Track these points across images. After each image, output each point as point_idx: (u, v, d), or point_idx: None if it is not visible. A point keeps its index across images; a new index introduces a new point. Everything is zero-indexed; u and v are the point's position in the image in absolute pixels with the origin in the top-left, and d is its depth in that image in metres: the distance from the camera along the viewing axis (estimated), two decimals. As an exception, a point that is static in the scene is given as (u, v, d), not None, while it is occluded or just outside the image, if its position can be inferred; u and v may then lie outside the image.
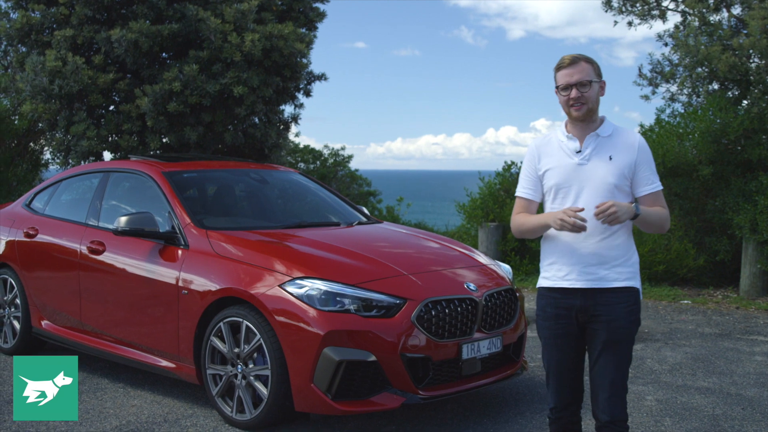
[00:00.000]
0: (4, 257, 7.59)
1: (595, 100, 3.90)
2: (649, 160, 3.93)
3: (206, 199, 6.96)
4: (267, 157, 13.14)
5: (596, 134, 3.93)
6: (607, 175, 3.85)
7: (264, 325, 5.26)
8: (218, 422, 5.60)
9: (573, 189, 3.90)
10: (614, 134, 3.95)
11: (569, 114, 3.94)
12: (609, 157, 3.88)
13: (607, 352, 3.89)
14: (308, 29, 13.40)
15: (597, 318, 3.88)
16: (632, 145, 3.91)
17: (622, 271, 3.88)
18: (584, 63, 3.89)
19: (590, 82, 3.86)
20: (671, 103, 12.94)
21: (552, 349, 4.02)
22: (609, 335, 3.87)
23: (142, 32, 11.40)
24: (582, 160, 3.91)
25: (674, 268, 11.46)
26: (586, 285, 3.88)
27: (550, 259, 4.00)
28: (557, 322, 3.97)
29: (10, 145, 14.46)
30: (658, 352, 7.73)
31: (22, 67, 12.60)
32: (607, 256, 3.87)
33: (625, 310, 3.88)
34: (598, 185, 3.85)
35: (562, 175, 3.92)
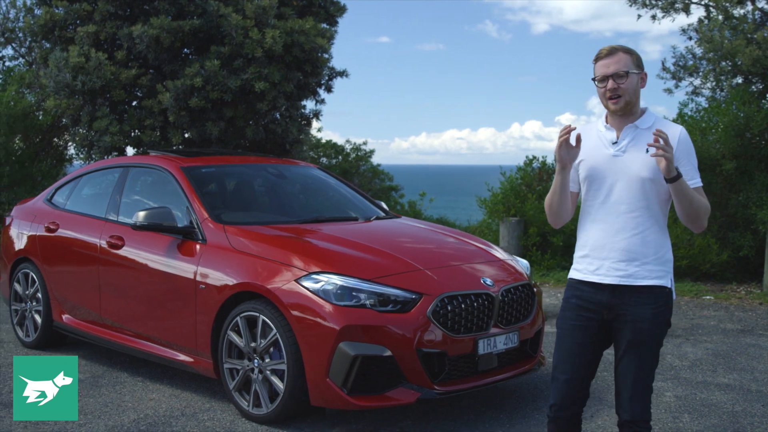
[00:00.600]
0: (26, 252, 7.66)
1: (633, 92, 3.76)
2: (689, 154, 3.76)
3: (224, 194, 6.98)
4: (288, 153, 13.18)
5: (635, 126, 3.79)
6: (642, 169, 3.71)
7: (280, 320, 5.27)
8: (235, 416, 5.63)
9: (607, 181, 3.78)
10: (654, 126, 3.77)
11: (607, 106, 3.82)
12: (646, 150, 3.71)
13: (631, 351, 3.79)
14: (329, 24, 13.42)
15: (623, 317, 3.78)
16: (673, 138, 3.70)
17: (652, 269, 3.75)
18: (622, 53, 3.77)
19: (627, 73, 3.73)
20: (694, 97, 12.84)
21: (566, 341, 3.91)
22: (633, 335, 3.76)
23: (163, 28, 11.48)
24: (618, 152, 3.78)
25: (697, 264, 11.37)
26: (615, 281, 3.77)
27: (582, 252, 3.89)
28: (579, 313, 3.86)
29: (35, 140, 14.58)
30: (678, 348, 7.68)
31: (45, 63, 12.72)
32: (638, 252, 3.75)
33: (652, 311, 3.76)
34: (632, 178, 3.73)
35: (596, 166, 3.81)
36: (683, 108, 12.46)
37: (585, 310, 3.85)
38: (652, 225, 3.77)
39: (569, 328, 3.90)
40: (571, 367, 3.90)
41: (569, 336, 3.90)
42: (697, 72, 12.65)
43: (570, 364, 3.90)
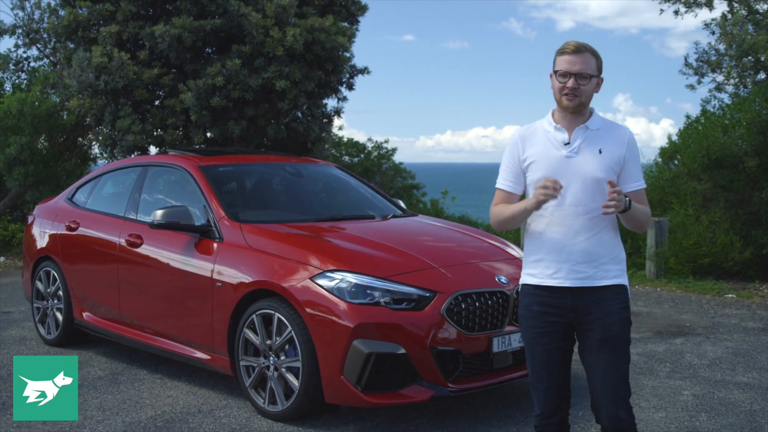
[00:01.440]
0: (47, 250, 7.75)
1: (589, 95, 3.75)
2: (636, 155, 3.80)
3: (241, 192, 7.02)
4: (310, 151, 13.22)
5: (586, 126, 3.76)
6: (596, 170, 3.69)
7: (295, 318, 5.30)
8: (251, 413, 5.66)
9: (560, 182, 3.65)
10: (603, 127, 3.79)
11: (559, 102, 3.76)
12: (599, 151, 3.72)
13: (604, 351, 3.70)
14: (350, 23, 13.45)
15: (590, 317, 3.71)
16: (622, 140, 3.77)
17: (610, 269, 3.74)
18: (589, 55, 3.72)
19: (590, 77, 3.71)
20: (717, 93, 12.75)
21: (536, 349, 3.82)
22: (604, 332, 3.69)
23: (185, 27, 11.55)
24: (570, 153, 3.74)
25: (719, 261, 11.28)
26: (576, 284, 3.71)
27: (536, 256, 3.81)
28: (542, 320, 3.78)
29: (59, 140, 14.72)
30: (698, 347, 7.63)
31: (69, 63, 12.84)
32: (595, 253, 3.71)
33: (619, 307, 3.73)
34: (586, 179, 3.69)
35: (548, 168, 3.74)
36: (705, 104, 12.38)
37: (549, 315, 3.77)
38: (606, 225, 3.75)
39: (536, 336, 3.81)
40: (548, 374, 3.83)
41: (538, 344, 3.81)
42: (720, 68, 12.57)
43: (546, 372, 3.82)
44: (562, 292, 3.73)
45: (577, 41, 3.77)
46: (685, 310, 9.49)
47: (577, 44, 3.74)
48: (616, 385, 3.71)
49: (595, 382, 3.75)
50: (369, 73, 13.74)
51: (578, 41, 3.78)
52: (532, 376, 3.89)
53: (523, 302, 3.88)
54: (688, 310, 9.47)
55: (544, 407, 3.87)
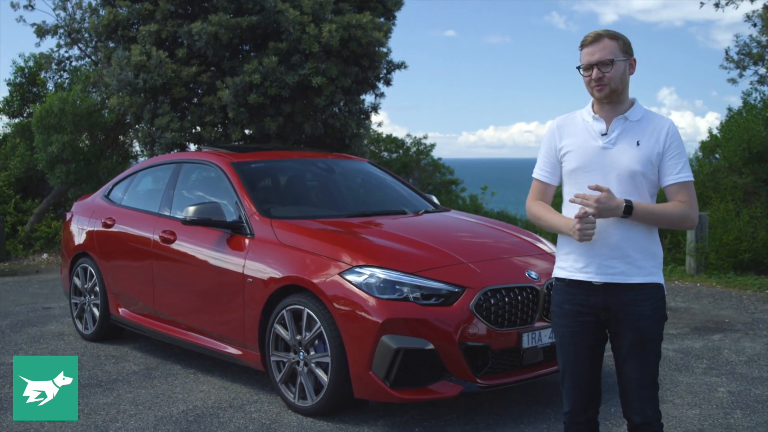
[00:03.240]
0: (84, 247, 7.85)
1: (619, 80, 3.60)
2: (678, 147, 3.59)
3: (273, 188, 7.05)
4: (347, 147, 13.23)
5: (624, 117, 3.63)
6: (633, 162, 3.56)
7: (324, 313, 5.31)
8: (281, 408, 5.69)
9: (596, 174, 3.60)
10: (644, 119, 3.64)
11: (592, 94, 3.66)
12: (636, 143, 3.58)
13: (635, 352, 3.62)
14: (386, 18, 13.43)
15: (621, 317, 3.61)
16: (661, 131, 3.59)
17: (644, 266, 3.60)
18: (607, 40, 3.59)
19: (612, 61, 3.57)
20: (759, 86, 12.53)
21: (568, 349, 3.75)
22: (635, 336, 3.60)
23: (221, 25, 11.62)
24: (607, 144, 3.61)
25: (761, 257, 11.11)
26: (606, 279, 3.60)
27: (567, 248, 3.71)
28: (575, 319, 3.69)
29: (100, 138, 14.90)
30: (737, 343, 7.51)
31: (109, 62, 12.99)
32: (627, 248, 3.58)
33: (651, 308, 3.60)
34: (622, 172, 3.57)
35: (584, 158, 3.64)
36: (747, 97, 12.19)
37: (580, 314, 3.69)
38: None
39: (568, 336, 3.75)
40: (578, 374, 3.77)
41: (570, 344, 3.75)
42: (762, 60, 12.35)
43: (577, 372, 3.77)
44: (593, 289, 3.63)
45: (597, 30, 3.66)
46: (724, 305, 9.35)
47: (594, 33, 3.64)
48: (644, 384, 3.65)
49: (624, 380, 3.69)
50: (406, 68, 13.70)
51: (598, 30, 3.66)
52: (562, 373, 3.83)
53: (555, 299, 3.81)
54: (727, 305, 9.33)
55: (573, 405, 3.83)
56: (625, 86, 3.65)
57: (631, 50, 3.67)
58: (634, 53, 3.72)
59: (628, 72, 3.65)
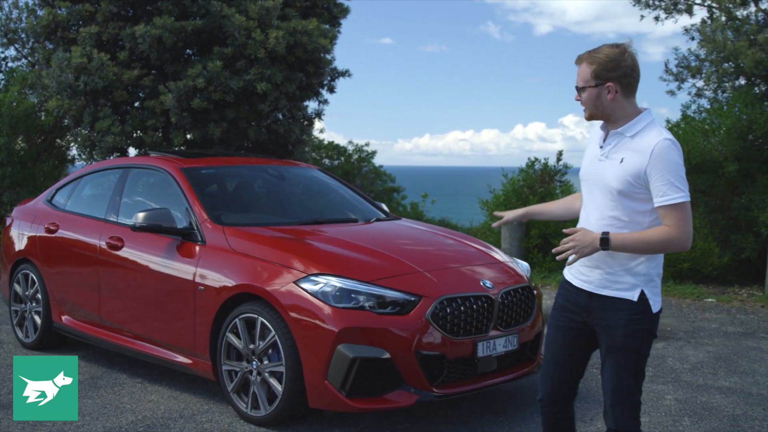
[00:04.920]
0: (26, 252, 7.66)
1: (593, 105, 3.61)
2: (665, 167, 3.43)
3: (224, 195, 6.98)
4: (290, 153, 13.16)
5: (620, 133, 3.60)
6: (612, 179, 3.56)
7: (279, 322, 5.26)
8: (233, 418, 5.61)
9: (588, 184, 3.72)
10: (639, 134, 3.56)
11: None
12: (621, 159, 3.55)
13: (609, 358, 3.68)
14: (332, 25, 13.40)
15: (598, 322, 3.69)
16: (646, 150, 3.48)
17: (617, 281, 3.62)
18: (584, 65, 3.61)
19: (584, 89, 3.61)
20: (697, 98, 12.81)
21: (551, 340, 3.90)
22: (608, 341, 3.66)
23: (166, 28, 11.47)
24: (601, 156, 3.66)
25: (699, 266, 11.33)
26: (578, 284, 3.73)
27: None
28: (562, 314, 3.85)
29: (37, 141, 14.57)
30: (679, 351, 7.65)
31: (48, 63, 12.72)
32: (601, 261, 3.63)
33: (627, 318, 3.60)
34: (604, 187, 3.61)
35: (586, 167, 3.75)
36: (686, 110, 12.43)
37: (567, 311, 3.82)
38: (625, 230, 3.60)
39: (554, 328, 3.90)
40: (555, 366, 3.90)
41: (553, 336, 3.90)
42: (700, 73, 12.63)
43: (554, 364, 3.91)
44: (576, 290, 3.76)
45: (587, 50, 3.66)
46: (665, 314, 9.51)
47: (579, 56, 3.67)
48: (617, 392, 3.68)
49: (603, 384, 3.77)
50: (350, 75, 13.71)
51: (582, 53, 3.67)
52: (545, 363, 3.97)
53: (558, 292, 3.95)
54: (668, 314, 9.49)
55: (545, 395, 3.96)
56: (604, 110, 3.62)
57: (608, 75, 3.56)
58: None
59: (606, 97, 3.59)
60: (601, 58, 3.57)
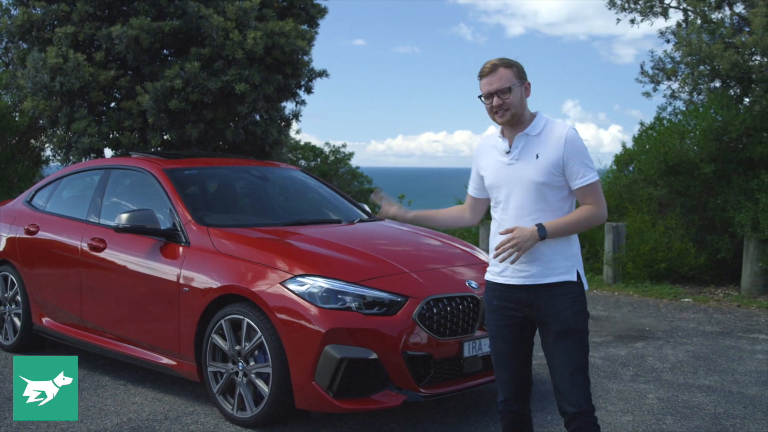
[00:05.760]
0: (5, 254, 7.58)
1: (518, 104, 3.88)
2: (578, 152, 3.83)
3: (207, 196, 6.94)
4: (268, 155, 13.15)
5: (525, 134, 3.91)
6: (534, 174, 3.85)
7: (265, 323, 5.24)
8: (219, 420, 5.59)
9: (504, 189, 3.94)
10: (543, 131, 3.91)
11: (494, 120, 3.95)
12: (536, 156, 3.86)
13: (562, 341, 3.85)
14: (309, 26, 13.41)
15: (544, 311, 3.88)
16: (559, 141, 3.84)
17: (558, 266, 3.87)
18: (503, 69, 3.88)
19: (510, 89, 3.86)
20: (672, 100, 12.94)
21: (499, 341, 4.01)
22: (560, 325, 3.85)
23: (143, 28, 11.42)
24: (511, 160, 3.92)
25: (675, 266, 11.45)
26: (520, 282, 3.89)
27: (492, 254, 3.97)
28: (503, 313, 3.97)
29: (11, 141, 14.47)
30: (659, 350, 7.72)
31: (23, 63, 12.61)
32: (540, 253, 3.85)
33: (569, 301, 3.85)
34: (525, 185, 3.87)
35: (494, 175, 3.98)
36: (661, 111, 12.55)
37: (507, 309, 3.96)
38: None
39: (497, 329, 4.01)
40: (509, 365, 4.03)
41: (499, 337, 4.01)
42: (676, 76, 12.75)
43: (507, 363, 4.03)
44: (514, 288, 3.92)
45: (492, 60, 3.94)
46: (643, 314, 9.60)
47: (490, 64, 3.91)
48: (574, 372, 3.85)
49: (555, 371, 3.90)
50: (328, 76, 13.70)
51: (492, 60, 3.94)
52: (496, 365, 4.08)
53: (485, 296, 4.09)
54: (646, 314, 9.58)
55: (507, 395, 4.06)
56: (524, 108, 3.93)
57: (525, 75, 3.95)
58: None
59: (524, 95, 3.94)
60: (515, 62, 3.94)
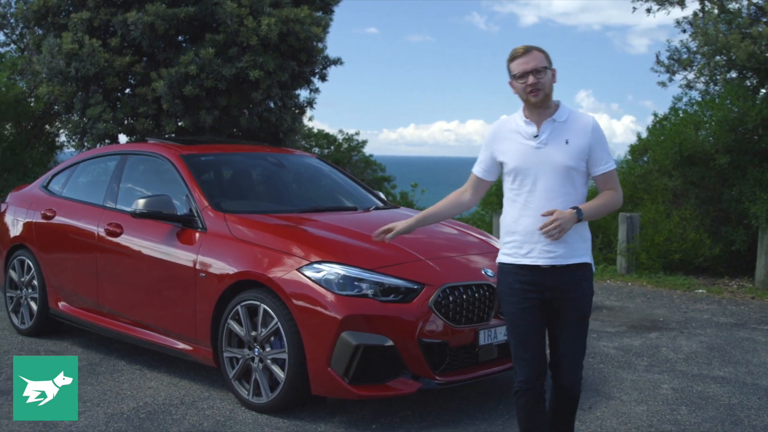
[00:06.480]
0: (22, 238, 7.62)
1: (549, 86, 4.07)
2: (602, 141, 4.10)
3: (223, 182, 6.96)
4: (281, 141, 13.16)
5: (552, 119, 4.09)
6: (564, 159, 4.03)
7: (281, 309, 5.26)
8: (235, 405, 5.62)
9: (531, 172, 4.06)
10: (569, 119, 4.11)
11: (527, 100, 4.08)
12: (565, 141, 4.05)
13: (575, 325, 4.12)
14: (324, 13, 13.39)
15: (564, 295, 4.06)
16: (586, 128, 4.07)
17: (578, 248, 4.07)
18: (536, 52, 4.06)
19: (545, 69, 4.04)
20: (688, 90, 12.88)
21: (520, 323, 4.12)
22: (577, 311, 4.10)
23: (158, 15, 11.43)
24: (539, 144, 4.06)
25: (690, 257, 11.41)
26: (548, 263, 4.03)
27: (511, 237, 4.13)
28: (524, 296, 4.08)
29: (27, 127, 14.51)
30: (673, 341, 7.71)
31: (38, 49, 12.65)
32: (568, 234, 4.02)
33: (587, 284, 4.11)
34: (555, 168, 4.03)
35: (520, 159, 4.08)
36: (677, 102, 12.50)
37: (529, 291, 4.08)
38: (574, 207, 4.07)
39: (520, 311, 4.11)
40: (532, 345, 4.14)
41: (522, 318, 4.11)
42: (691, 66, 12.70)
43: (530, 343, 4.13)
44: (539, 271, 4.05)
45: (525, 45, 4.12)
46: (657, 305, 9.58)
47: (524, 47, 4.09)
48: (580, 353, 4.19)
49: (560, 350, 4.17)
50: (342, 63, 13.70)
51: (525, 45, 4.12)
52: (517, 347, 4.17)
53: (504, 280, 4.19)
54: (660, 305, 9.56)
55: (528, 375, 4.15)
56: (552, 92, 4.13)
57: (551, 62, 4.14)
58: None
59: (552, 80, 4.13)
60: (544, 50, 4.11)
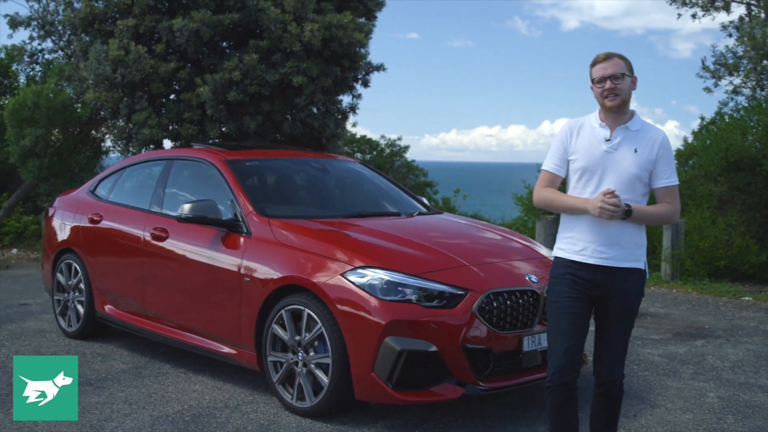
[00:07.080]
0: (69, 242, 7.74)
1: (627, 92, 4.18)
2: (669, 155, 4.24)
3: (268, 187, 7.00)
4: (324, 147, 13.20)
5: (626, 127, 4.21)
6: (631, 166, 4.15)
7: (325, 314, 5.28)
8: (278, 409, 5.65)
9: (597, 173, 4.18)
10: (642, 129, 4.23)
11: (603, 104, 4.20)
12: (635, 150, 4.17)
13: (620, 323, 4.25)
14: (367, 19, 13.42)
15: (610, 293, 4.19)
16: (655, 141, 4.20)
17: (632, 253, 4.19)
18: (617, 58, 4.19)
19: (623, 75, 4.15)
20: (734, 96, 12.73)
21: (566, 312, 4.21)
22: (622, 309, 4.22)
23: (203, 22, 11.53)
24: (610, 148, 4.18)
25: (736, 264, 11.27)
26: (598, 263, 4.16)
27: (569, 233, 4.27)
28: (574, 287, 4.21)
29: (73, 132, 14.69)
30: (719, 349, 7.61)
31: (85, 56, 12.82)
32: (619, 238, 4.15)
33: (638, 287, 4.23)
34: (621, 173, 4.15)
35: (590, 159, 4.20)
36: (723, 107, 12.37)
37: (579, 285, 4.21)
38: None
39: (567, 300, 4.22)
40: (573, 335, 4.21)
41: (568, 307, 4.21)
42: (738, 71, 12.54)
43: (572, 333, 4.21)
44: (590, 268, 4.19)
45: (608, 51, 4.26)
46: (702, 312, 9.47)
47: (606, 53, 4.24)
48: (623, 350, 4.32)
49: (606, 343, 4.30)
50: (385, 69, 13.71)
51: (608, 51, 4.26)
52: (557, 338, 4.24)
53: (556, 271, 4.32)
54: (705, 312, 9.45)
55: (561, 366, 4.21)
56: (629, 99, 4.24)
57: (633, 70, 4.24)
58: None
59: (631, 87, 4.23)
60: (626, 57, 4.22)
